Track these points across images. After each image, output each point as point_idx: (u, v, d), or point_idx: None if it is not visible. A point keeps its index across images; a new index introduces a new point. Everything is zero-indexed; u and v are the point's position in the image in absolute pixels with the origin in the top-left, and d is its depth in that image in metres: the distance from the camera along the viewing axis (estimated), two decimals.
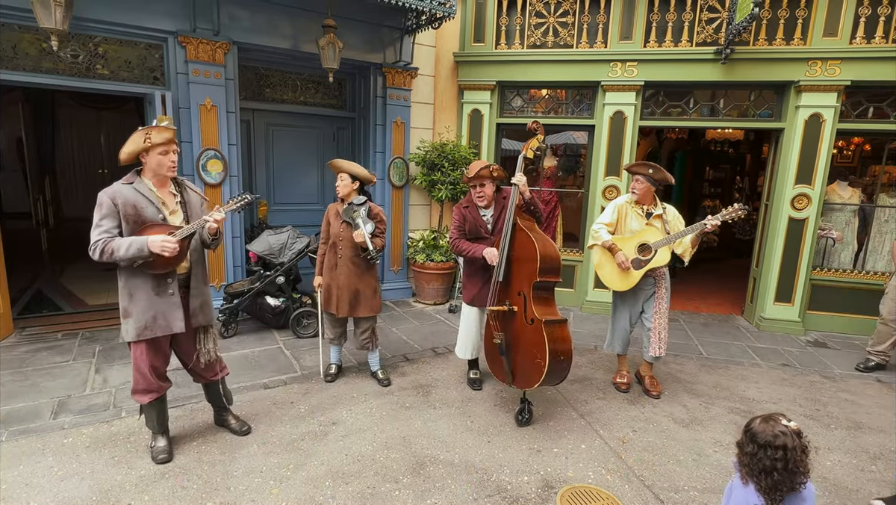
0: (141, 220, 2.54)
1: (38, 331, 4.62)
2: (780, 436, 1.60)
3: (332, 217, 3.74)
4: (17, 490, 2.55)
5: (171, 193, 2.70)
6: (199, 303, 2.80)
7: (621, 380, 3.99)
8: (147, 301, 2.60)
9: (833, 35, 5.08)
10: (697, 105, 5.69)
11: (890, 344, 4.48)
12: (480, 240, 3.57)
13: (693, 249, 3.61)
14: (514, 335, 3.31)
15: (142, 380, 2.71)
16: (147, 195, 2.58)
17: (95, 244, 2.47)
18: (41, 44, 4.24)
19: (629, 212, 3.75)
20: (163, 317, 2.64)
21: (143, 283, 2.59)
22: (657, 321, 3.75)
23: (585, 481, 2.81)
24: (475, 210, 3.60)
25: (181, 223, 2.67)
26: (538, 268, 3.11)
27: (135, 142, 2.51)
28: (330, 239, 3.75)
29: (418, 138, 6.14)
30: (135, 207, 2.52)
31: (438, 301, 6.10)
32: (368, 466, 2.86)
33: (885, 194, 5.65)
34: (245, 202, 2.79)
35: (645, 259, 3.61)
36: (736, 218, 3.39)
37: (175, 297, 2.67)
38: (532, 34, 5.86)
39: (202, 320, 2.83)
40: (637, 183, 3.68)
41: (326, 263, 3.78)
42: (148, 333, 2.62)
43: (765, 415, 1.70)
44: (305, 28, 5.12)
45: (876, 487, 2.87)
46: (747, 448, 1.67)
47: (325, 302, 3.79)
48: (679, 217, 3.73)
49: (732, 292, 7.00)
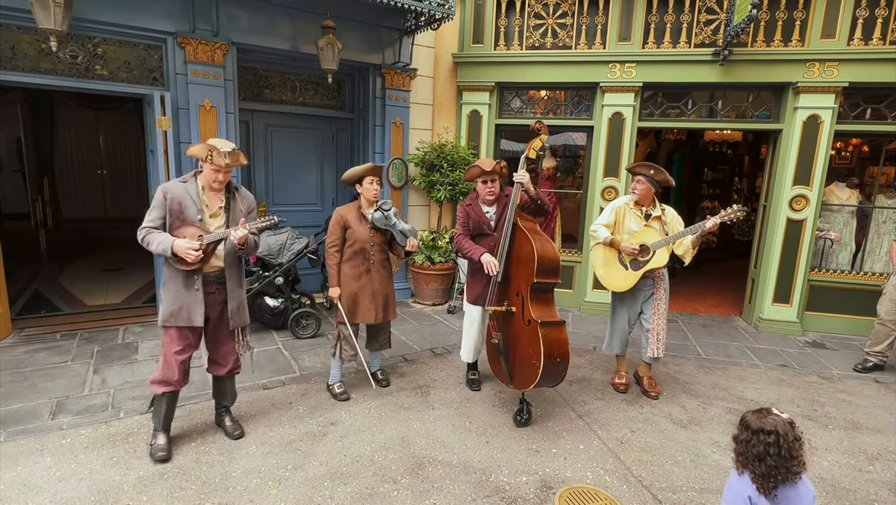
0: (182, 217, 2.75)
1: (36, 331, 4.61)
2: (772, 422, 1.65)
3: (356, 222, 3.52)
4: (16, 491, 2.55)
5: (219, 197, 2.86)
6: (236, 304, 2.96)
7: (620, 380, 3.99)
8: (175, 292, 2.79)
9: (831, 37, 5.09)
10: (696, 106, 5.70)
11: (887, 344, 4.49)
12: (483, 236, 3.58)
13: (694, 250, 3.61)
14: (511, 336, 3.32)
15: (165, 367, 2.84)
16: (193, 196, 2.78)
17: (141, 231, 2.72)
18: (40, 44, 4.23)
19: (627, 213, 3.75)
20: (186, 309, 2.80)
21: (174, 275, 2.79)
22: (655, 322, 3.76)
23: (584, 482, 2.82)
24: (478, 207, 3.62)
25: (220, 226, 2.84)
26: (536, 269, 3.11)
27: (200, 150, 2.73)
28: (354, 245, 3.53)
29: (417, 139, 6.15)
30: (180, 204, 2.74)
31: (437, 302, 6.10)
32: (367, 467, 2.86)
33: (883, 195, 5.66)
34: (271, 223, 2.87)
35: (643, 260, 3.62)
36: (735, 219, 3.39)
37: (199, 292, 2.82)
38: (531, 35, 5.87)
39: (239, 322, 3.00)
40: (638, 183, 3.67)
41: (352, 272, 3.55)
42: (172, 321, 2.80)
43: (760, 408, 1.75)
44: (304, 29, 5.12)
45: (874, 488, 2.88)
46: (741, 436, 1.73)
47: (353, 312, 3.56)
48: (678, 218, 3.73)
49: (731, 293, 7.01)
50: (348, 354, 3.64)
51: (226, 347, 3.03)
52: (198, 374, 3.47)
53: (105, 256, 7.65)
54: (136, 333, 4.68)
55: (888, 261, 5.35)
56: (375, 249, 3.58)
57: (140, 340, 4.52)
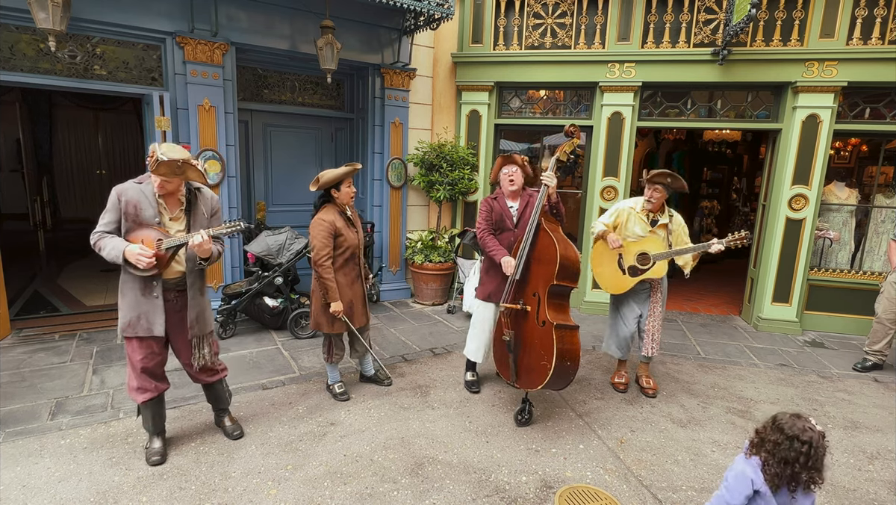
0: (138, 220, 2.58)
1: (35, 332, 4.61)
2: (809, 431, 1.66)
3: (345, 228, 3.39)
4: (15, 491, 2.54)
5: (178, 200, 2.71)
6: (195, 314, 2.79)
7: (619, 380, 3.99)
8: (134, 301, 2.65)
9: (830, 36, 5.09)
10: (695, 106, 5.70)
11: (886, 343, 4.49)
12: (505, 231, 3.58)
13: (694, 263, 3.65)
14: (524, 335, 3.30)
15: (134, 377, 2.74)
16: (150, 197, 2.62)
17: (93, 235, 2.59)
18: (39, 44, 4.23)
19: (632, 217, 3.71)
20: (146, 318, 2.65)
21: (132, 282, 2.64)
22: (651, 323, 3.78)
23: (584, 481, 2.82)
24: (503, 200, 3.60)
25: (181, 230, 2.69)
26: (557, 271, 3.10)
27: (150, 152, 2.54)
28: (346, 252, 3.41)
29: (416, 139, 6.15)
30: (136, 207, 2.58)
31: (437, 302, 6.10)
32: (367, 467, 2.86)
33: (882, 195, 5.67)
34: (237, 229, 2.67)
35: (642, 268, 3.62)
36: (741, 245, 3.39)
37: (159, 300, 2.67)
38: (530, 35, 5.87)
39: (198, 331, 2.83)
40: (655, 192, 3.60)
41: (345, 279, 3.45)
42: (130, 331, 2.66)
43: (794, 413, 1.74)
44: (303, 29, 5.12)
45: (873, 487, 2.88)
46: (771, 436, 1.71)
47: (350, 320, 3.50)
48: (684, 226, 3.71)
49: (730, 293, 7.01)
50: (339, 356, 3.65)
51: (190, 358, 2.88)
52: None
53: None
54: None
55: (887, 260, 5.36)
56: (360, 253, 3.56)
57: None
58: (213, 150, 4.80)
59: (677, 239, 3.64)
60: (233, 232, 2.65)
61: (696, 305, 6.49)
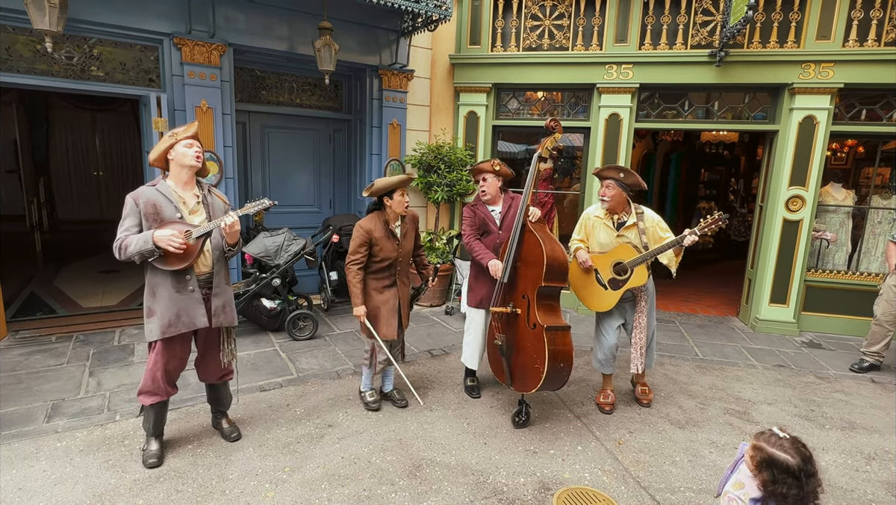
0: (160, 218, 2.61)
1: (31, 334, 4.59)
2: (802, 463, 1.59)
3: (383, 239, 3.29)
4: (10, 494, 2.53)
5: (193, 194, 2.76)
6: (221, 303, 2.83)
7: (605, 400, 3.67)
8: (169, 298, 2.66)
9: (826, 38, 5.11)
10: (692, 107, 5.71)
11: (884, 345, 4.50)
12: (490, 234, 3.58)
13: (678, 259, 3.41)
14: (515, 338, 3.29)
15: (151, 382, 2.76)
16: (167, 195, 2.65)
17: (116, 242, 2.57)
18: (36, 45, 4.22)
19: (597, 224, 3.52)
20: (185, 313, 2.69)
21: (163, 280, 2.65)
22: (637, 336, 3.56)
23: (582, 483, 2.81)
24: (484, 206, 3.63)
25: (202, 222, 2.72)
26: (544, 272, 3.07)
27: (163, 141, 2.64)
28: (382, 262, 3.32)
29: (414, 140, 6.15)
30: (154, 206, 2.61)
31: (435, 303, 6.09)
32: (364, 469, 2.85)
33: (879, 196, 5.68)
34: (263, 207, 2.76)
35: (621, 279, 3.39)
36: (716, 230, 3.22)
37: (196, 293, 2.71)
38: (528, 36, 5.88)
39: (224, 321, 2.86)
40: (607, 189, 3.38)
41: (375, 284, 3.37)
42: (172, 329, 2.67)
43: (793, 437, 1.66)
44: (301, 30, 5.12)
45: (871, 487, 2.89)
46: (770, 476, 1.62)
47: (375, 327, 3.36)
48: (660, 222, 3.45)
49: (728, 294, 7.02)
50: (383, 363, 3.48)
51: (215, 353, 2.95)
52: (195, 376, 3.44)
53: (101, 257, 7.61)
54: (132, 336, 4.65)
55: (884, 261, 5.37)
56: (403, 263, 3.44)
57: (136, 343, 4.49)
58: (210, 152, 4.79)
59: (653, 237, 3.38)
60: (259, 210, 2.74)
61: (694, 307, 6.50)
